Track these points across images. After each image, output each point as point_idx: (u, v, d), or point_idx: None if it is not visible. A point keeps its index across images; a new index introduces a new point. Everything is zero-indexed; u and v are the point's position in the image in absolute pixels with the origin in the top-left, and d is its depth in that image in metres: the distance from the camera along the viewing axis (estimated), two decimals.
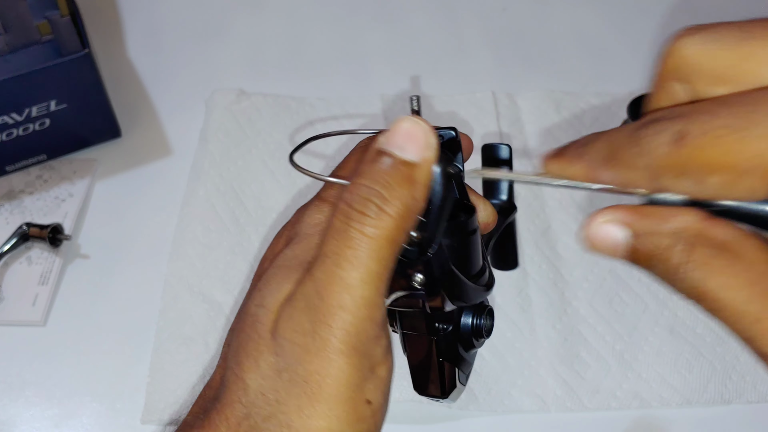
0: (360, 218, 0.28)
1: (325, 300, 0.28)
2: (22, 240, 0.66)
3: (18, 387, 0.60)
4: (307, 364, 0.28)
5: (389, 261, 0.28)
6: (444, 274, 0.30)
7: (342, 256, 0.28)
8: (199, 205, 0.71)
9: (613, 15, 0.93)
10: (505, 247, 0.40)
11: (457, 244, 0.31)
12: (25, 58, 0.69)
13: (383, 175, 0.28)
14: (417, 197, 0.28)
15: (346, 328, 0.28)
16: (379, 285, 0.28)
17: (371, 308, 0.28)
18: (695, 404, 0.59)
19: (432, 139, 0.28)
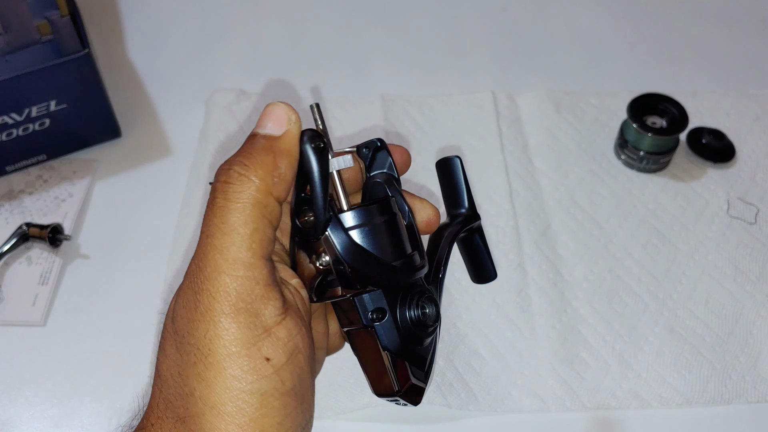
0: (223, 187, 0.30)
1: (203, 269, 0.29)
2: (22, 240, 0.66)
3: (18, 387, 0.60)
4: (195, 332, 0.29)
5: (259, 223, 0.30)
6: (347, 251, 0.31)
7: (212, 225, 0.30)
8: (199, 205, 0.71)
9: (613, 15, 0.93)
10: (477, 260, 0.41)
11: (375, 226, 0.32)
12: (25, 58, 0.69)
13: (247, 148, 0.31)
14: (279, 163, 0.31)
15: (225, 289, 0.29)
16: (252, 245, 0.29)
17: (249, 268, 0.29)
18: (695, 404, 0.59)
19: (292, 116, 0.32)
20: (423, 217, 0.36)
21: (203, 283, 0.29)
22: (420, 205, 0.36)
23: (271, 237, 0.30)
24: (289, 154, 0.31)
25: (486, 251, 0.40)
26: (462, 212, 0.40)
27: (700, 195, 0.72)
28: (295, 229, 0.33)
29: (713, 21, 0.92)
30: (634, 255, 0.68)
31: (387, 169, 0.36)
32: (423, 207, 0.36)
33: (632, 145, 0.73)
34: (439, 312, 0.34)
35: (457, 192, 0.40)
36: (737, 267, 0.67)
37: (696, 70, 0.86)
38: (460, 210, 0.40)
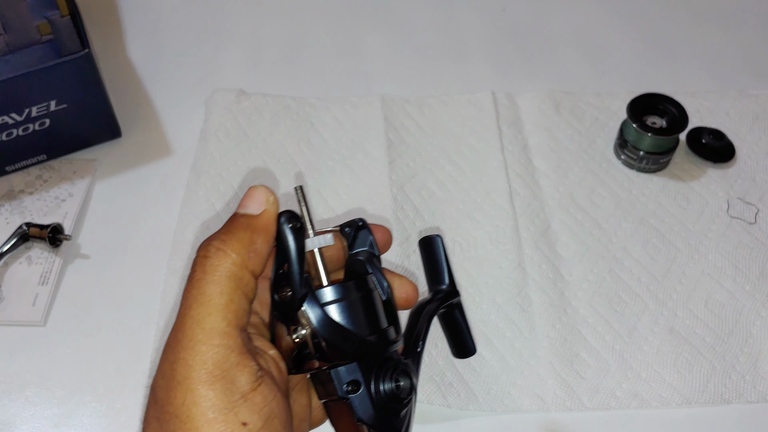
0: (202, 261, 0.32)
1: (180, 340, 0.31)
2: (22, 240, 0.67)
3: (18, 387, 0.60)
4: (173, 400, 0.30)
5: (233, 294, 0.32)
6: (322, 325, 0.33)
7: (190, 296, 0.32)
8: (199, 205, 0.71)
9: (613, 15, 0.93)
10: (456, 335, 0.43)
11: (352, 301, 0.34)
12: (25, 58, 0.69)
13: (227, 226, 0.34)
14: (256, 239, 0.33)
15: (201, 358, 0.30)
16: (227, 315, 0.31)
17: (224, 337, 0.31)
18: (695, 404, 0.59)
19: (270, 197, 0.34)
20: (402, 293, 0.38)
21: (180, 352, 0.31)
22: (399, 282, 0.38)
23: (245, 308, 0.32)
24: (265, 232, 0.34)
25: (465, 327, 0.42)
26: (442, 288, 0.41)
27: (700, 195, 0.73)
28: (273, 304, 0.34)
29: (713, 21, 0.92)
30: (633, 255, 0.68)
31: (368, 247, 0.38)
32: (402, 284, 0.38)
33: (632, 145, 0.73)
34: (414, 384, 0.36)
35: (438, 269, 0.42)
36: (737, 267, 0.67)
37: (696, 70, 0.86)
38: (440, 286, 0.41)
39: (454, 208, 0.71)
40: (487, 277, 0.66)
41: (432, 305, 0.40)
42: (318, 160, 0.75)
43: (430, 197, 0.72)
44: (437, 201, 0.72)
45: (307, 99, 0.81)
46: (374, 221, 0.39)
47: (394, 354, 0.35)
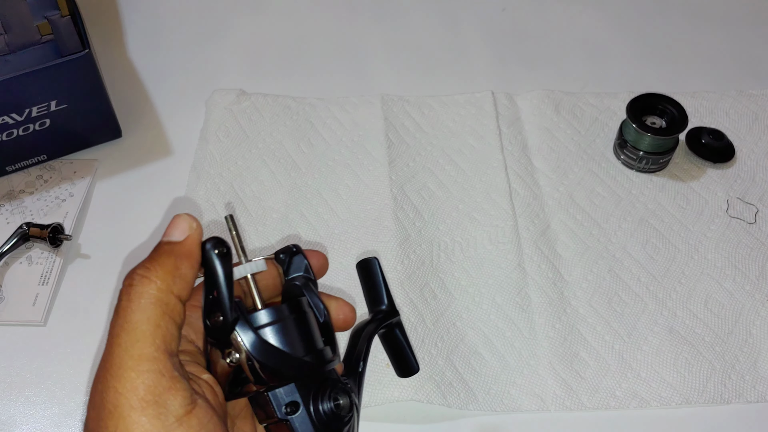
0: (127, 289, 0.33)
1: (109, 369, 0.31)
2: (22, 240, 0.67)
3: (18, 387, 0.60)
4: (104, 430, 0.30)
5: (160, 319, 0.32)
6: (255, 347, 0.33)
7: (117, 325, 0.31)
8: (199, 205, 0.71)
9: (613, 15, 0.93)
10: (399, 354, 0.43)
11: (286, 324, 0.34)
12: (25, 58, 0.69)
13: (151, 254, 0.34)
14: (180, 264, 0.33)
15: (131, 384, 0.30)
16: (155, 341, 0.31)
17: (153, 362, 0.31)
18: (694, 404, 0.59)
19: (193, 223, 0.35)
20: (339, 314, 0.39)
21: (109, 380, 0.30)
22: (336, 304, 0.39)
23: (174, 333, 0.32)
24: (189, 256, 0.34)
25: (407, 345, 0.43)
26: (382, 309, 0.42)
27: (700, 195, 0.73)
28: (206, 330, 0.35)
29: (713, 21, 0.92)
30: (633, 255, 0.68)
31: (304, 272, 0.38)
32: (339, 305, 0.39)
33: (632, 145, 0.73)
34: (355, 402, 0.36)
35: (376, 291, 0.43)
36: (736, 266, 0.67)
37: (695, 70, 0.86)
38: (380, 307, 0.42)
39: (454, 208, 0.71)
40: (486, 277, 0.66)
41: (371, 326, 0.41)
42: (318, 160, 0.75)
43: (430, 197, 0.72)
44: (437, 201, 0.72)
45: (307, 99, 0.81)
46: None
47: (332, 373, 0.36)
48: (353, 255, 0.68)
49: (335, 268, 0.67)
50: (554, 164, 0.75)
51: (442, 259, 0.68)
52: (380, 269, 0.43)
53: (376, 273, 0.43)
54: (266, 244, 0.69)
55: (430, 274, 0.66)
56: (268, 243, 0.69)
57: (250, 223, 0.70)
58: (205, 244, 0.34)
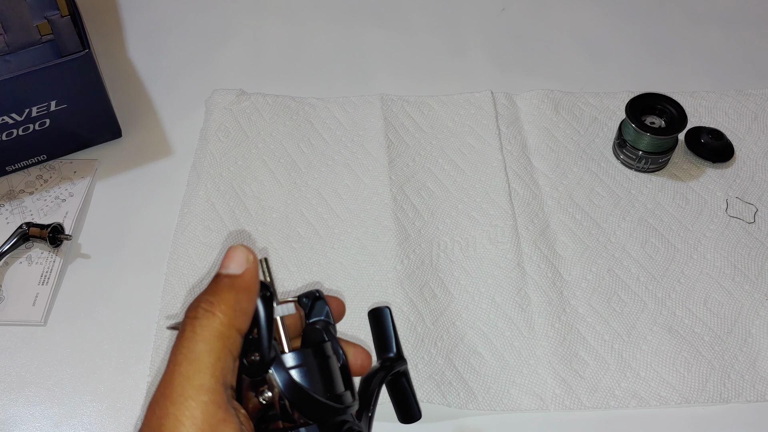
0: (192, 321, 0.34)
1: (169, 396, 0.32)
2: (22, 240, 0.67)
3: (18, 387, 0.60)
4: None
5: (221, 353, 0.33)
6: (287, 387, 0.35)
7: (179, 354, 0.33)
8: (199, 205, 0.71)
9: (613, 15, 0.94)
10: (402, 401, 0.45)
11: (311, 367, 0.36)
12: (25, 58, 0.69)
13: (212, 287, 0.35)
14: (240, 299, 0.34)
15: (191, 413, 0.31)
16: (215, 373, 0.32)
17: (212, 393, 0.32)
18: (694, 403, 0.59)
19: (250, 256, 0.36)
20: (357, 360, 0.40)
21: (169, 407, 0.32)
22: (354, 350, 0.41)
23: (231, 366, 0.34)
24: (248, 291, 0.35)
25: (411, 393, 0.45)
26: (390, 357, 0.44)
27: (699, 194, 0.73)
28: (242, 367, 0.36)
29: (712, 21, 0.93)
30: (632, 254, 0.68)
31: (324, 317, 0.40)
32: (357, 352, 0.41)
33: (631, 145, 0.73)
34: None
35: (386, 338, 0.44)
36: (736, 266, 0.67)
37: (694, 69, 0.86)
38: (388, 354, 0.44)
39: (454, 208, 0.71)
40: (486, 277, 0.66)
41: (381, 373, 0.43)
42: (318, 160, 0.75)
43: (430, 197, 0.72)
44: (437, 201, 0.72)
45: (307, 99, 0.81)
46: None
47: (350, 416, 0.37)
48: (352, 254, 0.68)
49: (335, 268, 0.67)
50: (553, 164, 0.75)
51: (442, 258, 0.68)
52: (391, 318, 0.45)
53: (386, 321, 0.45)
54: (266, 243, 0.69)
55: (429, 274, 0.66)
56: (268, 242, 0.69)
57: (250, 223, 0.70)
58: None
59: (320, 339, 0.39)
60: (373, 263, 0.67)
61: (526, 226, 0.70)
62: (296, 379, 0.35)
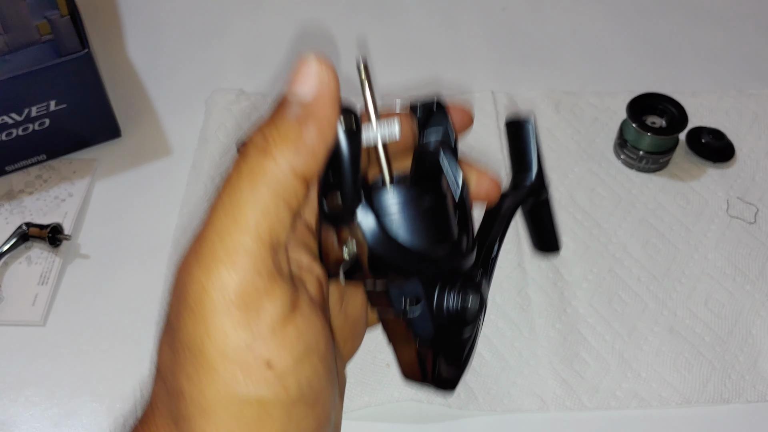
0: (238, 162, 0.26)
1: (197, 254, 0.25)
2: (21, 240, 0.67)
3: (18, 387, 0.60)
4: (184, 327, 0.25)
5: (271, 203, 0.25)
6: (379, 243, 0.27)
7: (219, 203, 0.26)
8: (199, 205, 0.71)
9: (613, 15, 0.93)
10: (540, 229, 0.37)
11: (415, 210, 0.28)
12: (25, 58, 0.69)
13: (272, 116, 0.27)
14: (306, 134, 0.26)
15: (220, 281, 0.25)
16: (258, 230, 0.25)
17: (251, 258, 0.25)
18: (694, 403, 0.59)
19: (324, 74, 0.27)
20: (481, 191, 0.32)
21: (195, 271, 0.25)
22: (478, 177, 0.32)
23: (285, 222, 0.26)
24: (320, 123, 0.26)
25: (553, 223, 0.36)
26: (527, 178, 0.35)
27: (700, 195, 0.73)
28: (320, 210, 0.29)
29: (713, 21, 0.92)
30: (633, 254, 0.68)
31: (443, 134, 0.31)
32: (481, 179, 0.32)
33: (632, 145, 0.73)
34: (485, 301, 0.30)
35: (525, 157, 0.35)
36: (737, 266, 0.67)
37: (695, 69, 0.86)
38: (526, 175, 0.35)
39: None
40: None
41: (511, 200, 0.34)
42: None
43: None
44: None
45: None
46: None
47: (463, 265, 0.30)
48: None
49: None
50: (554, 164, 0.75)
51: None
52: (533, 132, 0.35)
53: (527, 136, 0.35)
54: None
55: None
56: None
57: None
58: None
59: (434, 167, 0.30)
60: None
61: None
62: (394, 227, 0.28)
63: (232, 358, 0.25)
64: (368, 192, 0.28)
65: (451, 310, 0.29)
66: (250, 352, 0.25)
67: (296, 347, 0.25)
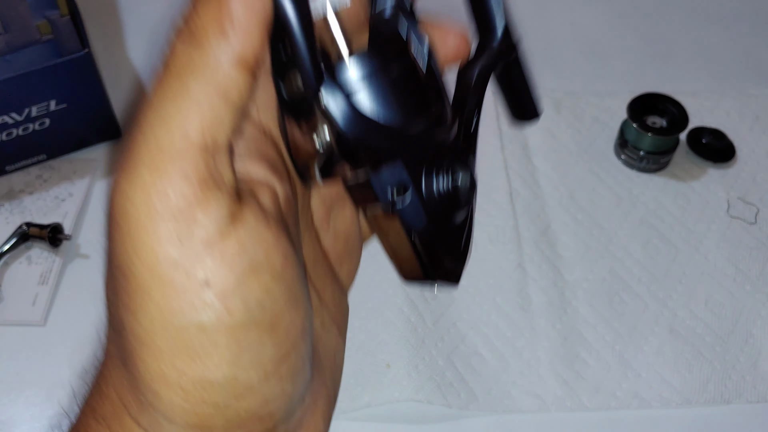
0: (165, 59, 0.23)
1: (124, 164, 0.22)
2: (22, 240, 0.66)
3: (18, 387, 0.60)
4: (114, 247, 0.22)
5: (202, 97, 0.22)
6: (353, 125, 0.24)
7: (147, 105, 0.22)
8: None
9: (613, 15, 0.93)
10: (515, 94, 0.33)
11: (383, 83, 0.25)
12: (25, 58, 0.69)
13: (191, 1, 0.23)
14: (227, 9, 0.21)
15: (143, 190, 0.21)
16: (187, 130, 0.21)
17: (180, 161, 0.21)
18: (695, 404, 0.59)
19: None
20: (449, 51, 0.28)
21: (121, 181, 0.22)
22: (440, 34, 0.28)
23: (225, 120, 0.22)
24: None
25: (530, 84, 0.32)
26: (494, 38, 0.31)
27: (700, 195, 0.73)
28: (279, 99, 0.25)
29: (713, 21, 0.92)
30: (634, 255, 0.68)
31: None
32: (445, 36, 0.28)
33: (632, 145, 0.73)
34: (474, 177, 0.27)
35: (488, 11, 0.31)
36: (737, 267, 0.67)
37: (696, 70, 0.86)
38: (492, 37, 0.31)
39: None
40: (487, 277, 0.66)
41: (483, 62, 0.30)
42: None
43: None
44: None
45: None
46: None
47: (446, 140, 0.27)
48: None
49: None
50: (555, 164, 0.75)
51: None
52: None
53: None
54: None
55: None
56: None
57: None
58: None
59: (393, 32, 0.26)
60: (373, 263, 0.67)
61: (527, 226, 0.70)
62: (363, 104, 0.24)
63: (163, 278, 0.21)
64: (330, 68, 0.24)
65: (442, 192, 0.26)
66: (183, 271, 0.21)
67: (238, 263, 0.22)
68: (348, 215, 0.30)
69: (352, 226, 0.31)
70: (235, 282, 0.22)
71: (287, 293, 0.23)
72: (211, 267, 0.21)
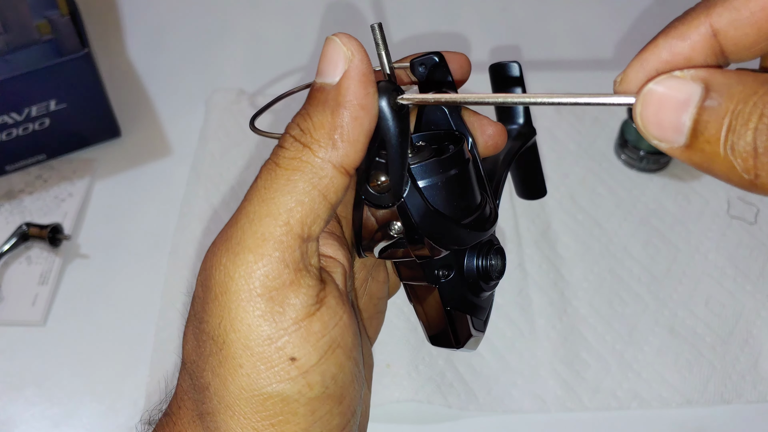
0: (277, 151, 0.25)
1: (225, 242, 0.25)
2: (21, 240, 0.66)
3: (18, 387, 0.60)
4: (209, 318, 0.25)
5: (304, 195, 0.25)
6: (424, 219, 0.27)
7: (254, 190, 0.25)
8: (199, 205, 0.71)
9: (613, 15, 0.93)
10: (528, 176, 0.36)
11: (446, 179, 0.28)
12: (25, 58, 0.69)
13: (306, 103, 0.26)
14: (338, 121, 0.25)
15: (246, 270, 0.24)
16: (289, 221, 0.24)
17: (279, 247, 0.24)
18: (695, 404, 0.59)
19: (348, 52, 0.25)
20: (487, 140, 0.31)
21: (222, 258, 0.25)
22: (479, 125, 0.31)
23: (320, 214, 0.25)
24: (352, 107, 0.25)
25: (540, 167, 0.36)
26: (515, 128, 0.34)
27: (700, 195, 0.72)
28: (365, 194, 0.28)
29: None
30: (634, 255, 0.68)
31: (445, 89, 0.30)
32: (483, 127, 0.31)
33: (632, 145, 0.73)
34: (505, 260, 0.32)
35: None
36: (737, 267, 0.67)
37: None
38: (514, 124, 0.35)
39: None
40: None
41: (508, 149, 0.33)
42: None
43: None
44: None
45: None
46: None
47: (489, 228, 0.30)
48: None
49: None
50: (555, 164, 0.75)
51: None
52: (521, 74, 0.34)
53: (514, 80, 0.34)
54: None
55: None
56: None
57: None
58: None
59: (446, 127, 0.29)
60: None
61: (527, 226, 0.69)
62: (431, 203, 0.27)
63: (255, 351, 0.24)
64: (414, 178, 0.27)
65: (480, 269, 0.30)
66: (274, 346, 0.24)
67: (321, 342, 0.25)
68: (381, 279, 0.33)
69: (383, 288, 0.34)
70: (317, 359, 0.25)
71: (354, 367, 0.26)
72: (298, 344, 0.24)
